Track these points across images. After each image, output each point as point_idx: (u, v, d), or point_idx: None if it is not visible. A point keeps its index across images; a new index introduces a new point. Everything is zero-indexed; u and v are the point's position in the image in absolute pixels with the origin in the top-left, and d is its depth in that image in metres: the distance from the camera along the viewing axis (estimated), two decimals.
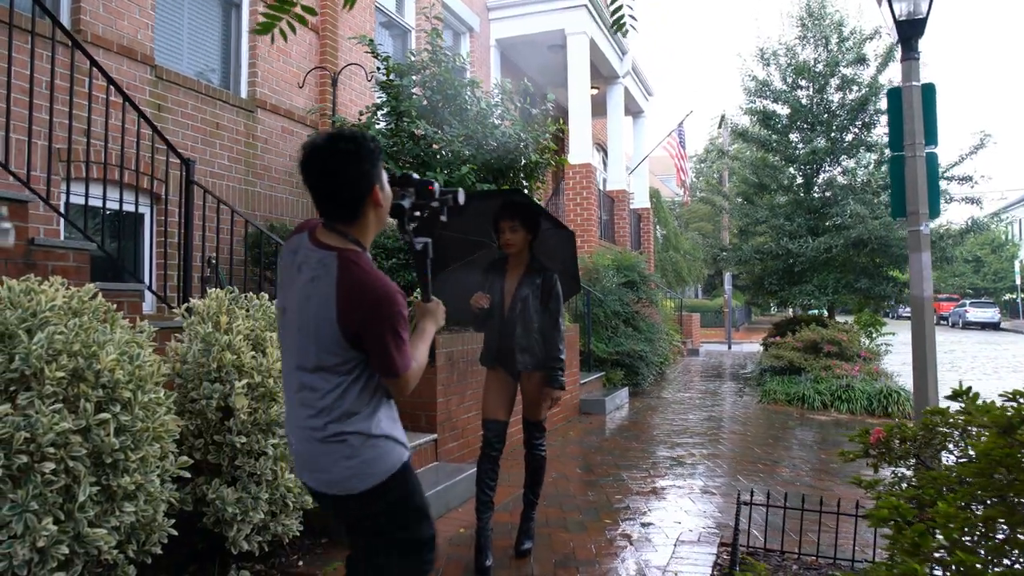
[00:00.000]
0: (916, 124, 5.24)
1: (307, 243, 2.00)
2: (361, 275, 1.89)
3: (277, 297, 2.12)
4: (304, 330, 1.97)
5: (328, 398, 1.95)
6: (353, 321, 1.89)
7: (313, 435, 1.98)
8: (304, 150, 1.95)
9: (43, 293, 2.79)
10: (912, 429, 3.50)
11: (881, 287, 12.33)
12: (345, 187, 1.92)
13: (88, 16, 5.31)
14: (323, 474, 2.00)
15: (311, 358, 1.96)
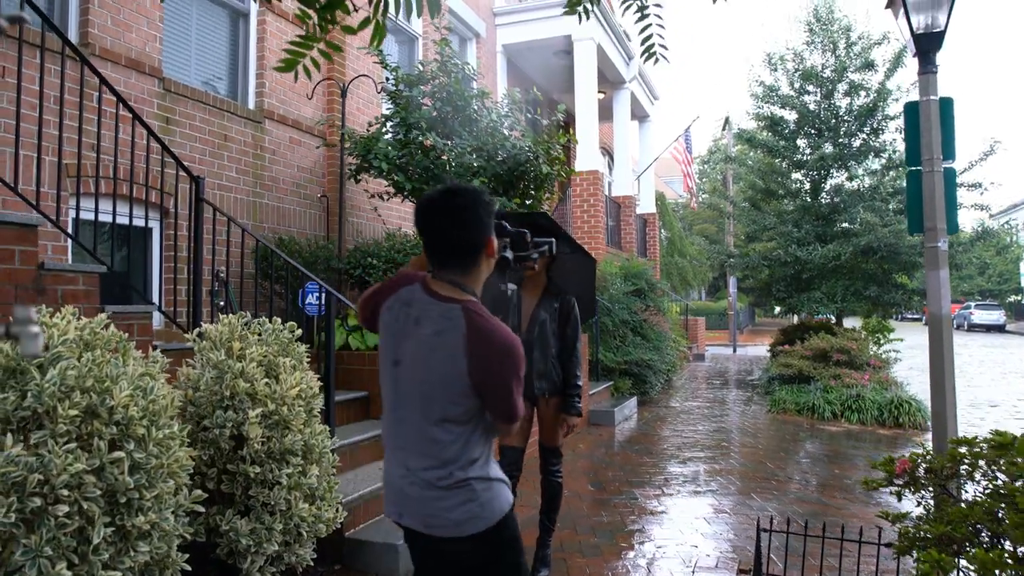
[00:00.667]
0: (934, 139, 5.16)
1: (423, 295, 2.02)
2: (488, 327, 1.94)
3: (385, 347, 2.08)
4: (429, 383, 1.97)
5: (453, 448, 1.97)
6: (483, 371, 1.92)
7: (436, 483, 1.97)
8: (424, 204, 1.99)
9: (55, 327, 2.72)
10: (939, 460, 3.43)
11: (890, 295, 12.23)
12: (465, 239, 1.96)
13: (96, 29, 5.25)
14: (438, 518, 1.99)
15: (436, 410, 1.96)
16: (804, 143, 13.69)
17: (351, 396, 5.49)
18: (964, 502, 3.37)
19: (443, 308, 1.96)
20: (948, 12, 5.23)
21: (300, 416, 3.59)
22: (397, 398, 2.06)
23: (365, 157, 6.39)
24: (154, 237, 5.79)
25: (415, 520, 2.02)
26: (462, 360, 1.91)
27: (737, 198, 16.38)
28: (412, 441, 2.01)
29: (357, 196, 7.68)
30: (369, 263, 6.10)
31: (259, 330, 3.76)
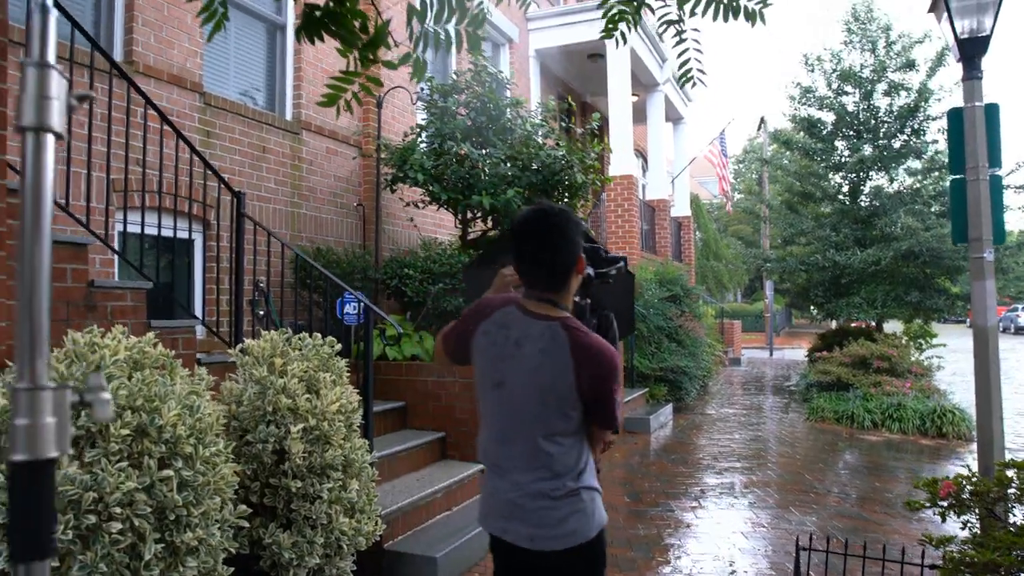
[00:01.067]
0: (979, 146, 5.04)
1: (520, 316, 2.08)
2: (590, 340, 2.02)
3: (484, 370, 2.14)
4: (538, 399, 2.03)
5: (563, 460, 2.03)
6: (590, 383, 1.99)
7: (550, 494, 2.03)
8: (519, 227, 2.06)
9: (107, 347, 2.81)
10: (985, 483, 3.37)
11: (933, 300, 11.98)
12: (559, 260, 2.04)
13: (140, 47, 5.38)
14: (547, 529, 2.04)
15: (547, 425, 2.03)
16: (842, 145, 13.48)
17: (388, 406, 5.55)
18: (1013, 526, 3.30)
19: (543, 326, 2.04)
20: (995, 15, 5.10)
21: (340, 431, 3.64)
22: (503, 418, 2.10)
23: (401, 167, 6.45)
24: (196, 248, 5.91)
25: (521, 535, 2.06)
26: (570, 374, 1.98)
27: (773, 200, 16.17)
28: (523, 457, 2.06)
29: (392, 204, 7.75)
30: (405, 273, 6.16)
31: (300, 345, 3.82)
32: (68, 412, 0.88)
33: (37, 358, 0.85)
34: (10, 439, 0.84)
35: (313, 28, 1.69)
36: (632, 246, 11.72)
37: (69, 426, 0.88)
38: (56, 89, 0.86)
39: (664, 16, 2.42)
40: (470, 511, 4.93)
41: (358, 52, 1.77)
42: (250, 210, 6.02)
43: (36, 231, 0.83)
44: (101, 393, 0.92)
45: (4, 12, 2.81)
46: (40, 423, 0.84)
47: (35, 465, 0.84)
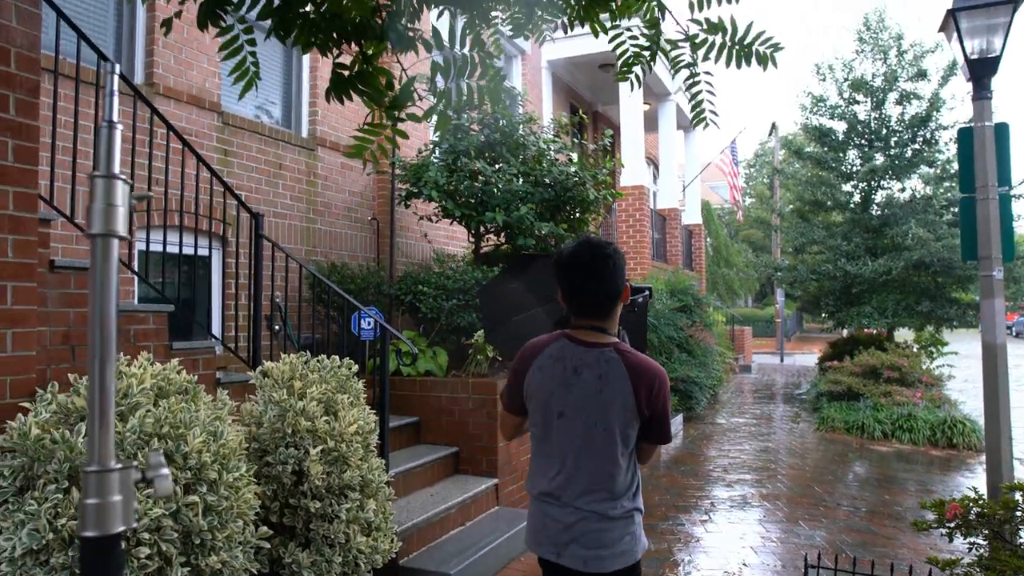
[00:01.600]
0: (988, 165, 5.07)
1: (573, 347, 2.21)
2: (642, 361, 2.16)
3: (542, 403, 2.24)
4: (601, 423, 2.14)
5: (623, 480, 2.16)
6: (650, 401, 2.13)
7: (609, 514, 2.15)
8: (569, 261, 2.18)
9: (133, 376, 2.90)
10: (992, 505, 3.42)
11: (944, 310, 11.98)
12: (609, 290, 2.18)
13: (160, 69, 5.49)
14: (603, 550, 2.15)
15: (610, 448, 2.14)
16: (854, 154, 13.49)
17: (403, 422, 5.63)
18: (1019, 547, 3.35)
19: (597, 353, 2.17)
20: (1004, 37, 5.14)
21: (358, 452, 3.73)
22: (567, 446, 2.20)
23: (415, 184, 6.55)
24: (214, 265, 6.02)
25: (576, 557, 2.16)
26: (630, 395, 2.11)
27: (784, 209, 16.18)
28: (586, 482, 2.17)
29: (406, 217, 7.85)
30: (419, 290, 6.24)
31: (318, 368, 3.91)
32: (133, 489, 0.96)
33: (105, 444, 0.93)
34: (80, 517, 0.92)
35: (342, 88, 1.77)
36: (643, 256, 11.78)
37: (134, 502, 0.96)
38: (121, 197, 0.94)
39: (678, 57, 2.49)
40: (484, 526, 5.01)
41: (384, 108, 1.85)
42: (267, 226, 6.13)
43: (105, 329, 0.91)
44: (161, 470, 1.00)
45: (37, 51, 2.92)
46: (108, 502, 0.92)
47: (104, 540, 0.92)
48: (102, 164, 0.92)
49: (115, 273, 0.93)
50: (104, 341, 0.91)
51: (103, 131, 0.93)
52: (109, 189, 0.93)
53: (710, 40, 2.33)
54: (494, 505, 5.40)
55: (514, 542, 4.85)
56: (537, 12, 2.34)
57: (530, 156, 6.69)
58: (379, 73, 1.83)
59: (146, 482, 0.99)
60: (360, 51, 1.81)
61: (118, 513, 0.93)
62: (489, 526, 5.01)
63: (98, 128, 0.95)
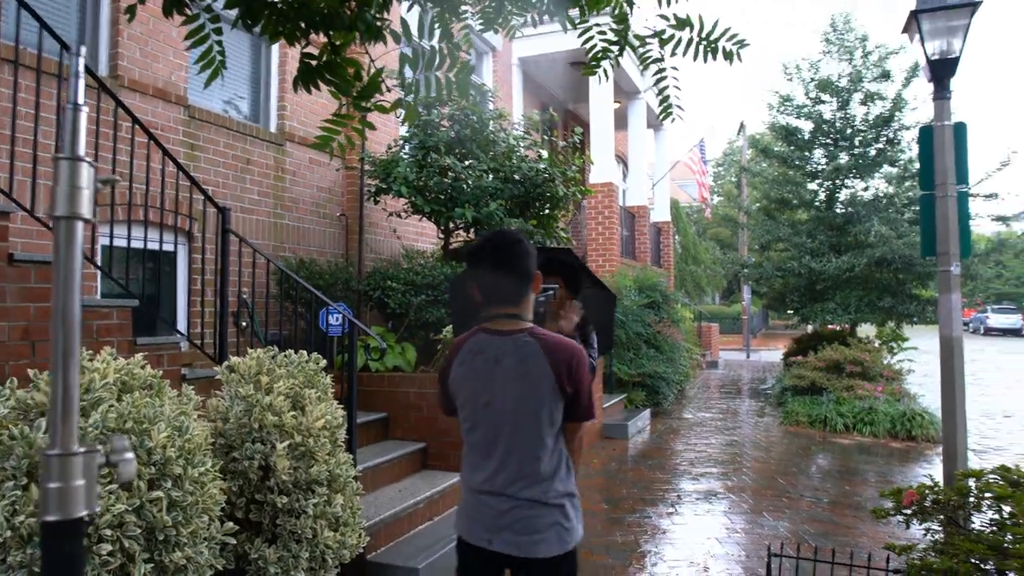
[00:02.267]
0: (947, 163, 5.19)
1: (489, 338, 2.26)
2: (558, 341, 2.21)
3: (468, 396, 2.28)
4: (526, 407, 2.18)
5: (550, 465, 2.19)
6: (568, 377, 2.16)
7: (540, 499, 2.17)
8: (480, 250, 2.25)
9: (96, 371, 2.86)
10: (947, 492, 3.52)
11: (905, 306, 12.24)
12: (519, 278, 2.24)
13: (125, 62, 5.41)
14: (536, 535, 2.17)
15: (537, 432, 2.17)
16: (819, 152, 13.72)
17: (371, 418, 5.62)
18: (972, 532, 3.45)
19: (513, 340, 2.21)
20: (963, 39, 5.26)
21: (325, 447, 3.72)
22: (493, 435, 2.23)
23: (385, 180, 6.52)
24: (180, 260, 5.95)
25: (509, 543, 2.18)
26: (549, 374, 2.15)
27: (751, 207, 16.40)
28: (514, 468, 2.19)
29: (375, 214, 7.82)
30: (388, 285, 6.23)
31: (285, 362, 3.89)
32: (96, 473, 0.96)
33: (67, 425, 0.93)
34: (42, 501, 0.92)
35: (309, 77, 1.77)
36: (612, 253, 11.87)
37: (96, 486, 0.96)
38: (86, 180, 0.94)
39: (646, 52, 2.52)
40: (451, 520, 5.01)
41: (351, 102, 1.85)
42: (234, 221, 6.06)
43: (68, 315, 0.91)
44: (126, 454, 1.00)
45: None
46: (71, 485, 0.92)
47: (66, 524, 0.92)
48: (67, 146, 0.92)
49: (79, 257, 0.93)
50: (68, 325, 0.91)
51: (68, 113, 0.92)
52: (74, 171, 0.92)
53: (677, 36, 2.36)
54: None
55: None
56: (507, 6, 2.35)
57: (500, 152, 6.71)
58: (347, 63, 1.83)
59: (110, 466, 0.98)
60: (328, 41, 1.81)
61: (81, 497, 0.93)
62: None
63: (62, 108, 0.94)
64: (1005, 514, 3.38)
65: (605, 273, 11.43)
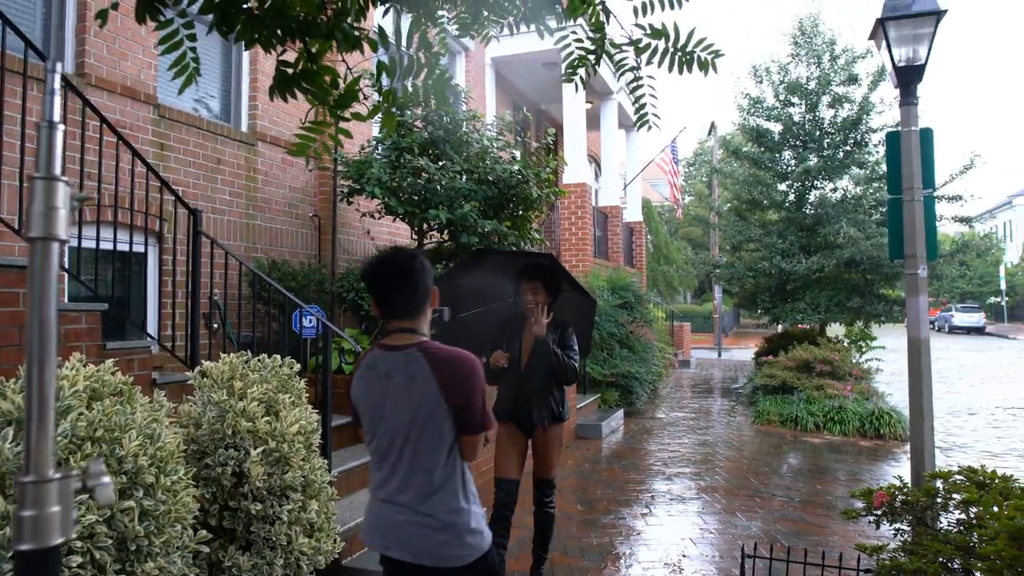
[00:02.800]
0: (914, 168, 5.27)
1: (383, 354, 2.28)
2: (447, 354, 2.22)
3: (365, 412, 2.32)
4: (414, 421, 2.20)
5: (441, 477, 2.20)
6: (456, 391, 2.17)
7: (432, 514, 2.18)
8: (377, 267, 2.28)
9: (65, 378, 2.81)
10: (915, 493, 3.58)
11: (873, 306, 12.46)
12: (420, 292, 2.29)
13: (92, 59, 5.30)
14: (432, 548, 2.18)
15: (425, 446, 2.19)
16: (789, 154, 13.90)
17: (346, 421, 5.56)
18: (940, 532, 3.52)
19: (404, 355, 2.23)
20: (929, 46, 5.35)
21: (300, 452, 3.69)
22: (387, 447, 2.27)
23: (358, 180, 6.48)
24: (150, 262, 5.85)
25: (404, 551, 2.21)
26: (435, 389, 2.17)
27: (722, 207, 16.56)
28: (407, 481, 2.23)
29: (348, 214, 7.76)
30: (362, 287, 6.19)
31: (259, 367, 3.84)
32: (72, 499, 0.94)
33: (42, 453, 0.91)
34: (15, 530, 0.90)
35: (286, 86, 1.75)
36: (585, 253, 11.91)
37: (72, 512, 0.94)
38: (62, 199, 0.92)
39: (622, 60, 2.53)
40: None
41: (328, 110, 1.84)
42: (205, 222, 5.98)
43: (44, 339, 0.89)
44: (102, 478, 0.98)
45: None
46: (46, 513, 0.90)
47: (42, 553, 0.90)
48: (42, 165, 0.90)
49: (55, 278, 0.91)
50: (43, 347, 0.89)
51: (43, 131, 0.90)
52: (50, 191, 0.90)
53: (653, 45, 2.37)
54: None
55: None
56: (484, 12, 2.34)
57: (473, 153, 6.70)
58: (324, 71, 1.81)
59: (86, 491, 0.96)
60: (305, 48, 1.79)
61: (56, 524, 0.91)
62: None
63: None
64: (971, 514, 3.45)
65: (578, 274, 11.47)
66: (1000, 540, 2.34)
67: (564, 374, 3.98)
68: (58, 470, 0.92)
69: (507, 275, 4.24)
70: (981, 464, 3.78)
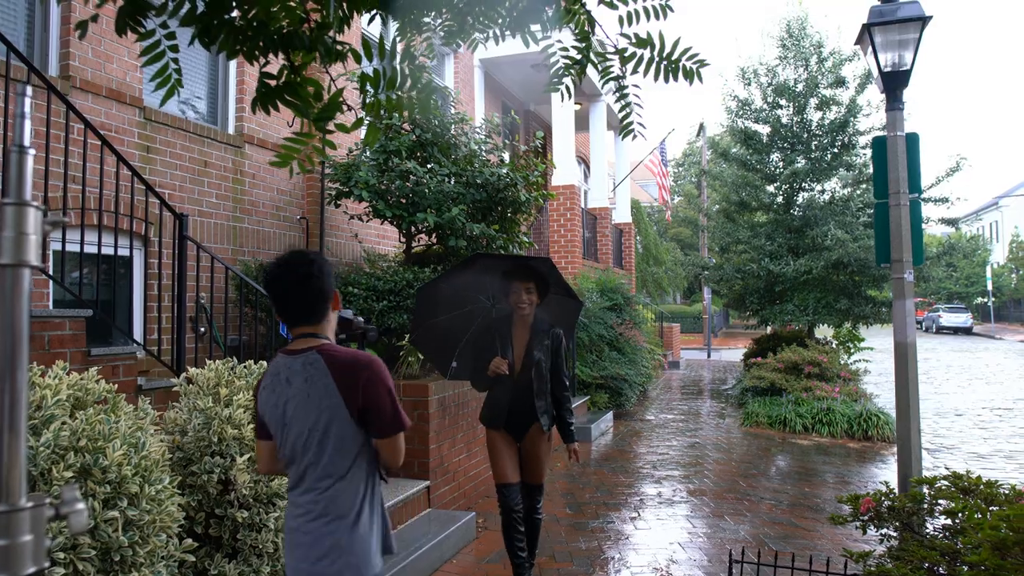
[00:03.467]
0: (900, 173, 5.31)
1: (284, 358, 2.24)
2: (343, 355, 2.16)
3: (271, 419, 2.27)
4: (315, 427, 2.16)
5: (346, 495, 2.15)
6: (356, 396, 2.12)
7: (329, 519, 2.15)
8: (276, 270, 2.22)
9: (48, 388, 2.78)
10: (902, 499, 3.60)
11: (860, 307, 12.53)
12: (319, 296, 2.23)
13: (77, 61, 5.26)
14: (323, 557, 2.14)
15: (328, 450, 2.15)
16: (777, 156, 13.95)
17: None
18: (925, 538, 3.54)
19: (303, 359, 2.19)
20: (914, 52, 5.37)
21: None
22: (291, 455, 2.24)
23: (346, 183, 6.46)
24: (136, 266, 5.81)
25: (303, 557, 2.17)
26: (336, 393, 2.12)
27: (711, 209, 16.61)
28: (311, 488, 2.19)
29: (336, 216, 7.74)
30: (349, 291, 6.16)
31: (245, 373, 3.82)
32: (44, 527, 0.93)
33: (14, 481, 0.89)
34: None
35: (269, 98, 1.74)
36: (574, 255, 11.91)
37: (45, 540, 0.93)
38: (33, 225, 0.91)
39: (608, 68, 2.53)
40: (415, 528, 4.99)
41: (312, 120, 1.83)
42: (192, 225, 5.95)
43: (14, 364, 0.88)
44: (76, 504, 0.97)
45: None
46: (17, 543, 0.89)
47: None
48: (12, 190, 0.89)
49: (27, 306, 0.90)
50: (14, 375, 0.88)
51: (13, 156, 0.89)
52: (20, 217, 0.89)
53: (639, 54, 2.37)
54: (425, 508, 5.39)
55: (446, 544, 4.85)
56: (469, 21, 2.34)
57: (462, 157, 6.68)
58: (307, 83, 1.80)
59: (60, 519, 0.95)
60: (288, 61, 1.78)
61: (28, 554, 0.90)
62: (421, 529, 4.99)
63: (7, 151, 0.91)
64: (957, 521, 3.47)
65: (568, 275, 11.48)
66: (984, 549, 2.35)
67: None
68: (31, 497, 0.91)
69: (493, 278, 4.25)
70: (967, 471, 3.80)
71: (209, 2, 1.67)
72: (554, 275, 4.18)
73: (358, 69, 2.17)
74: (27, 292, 0.91)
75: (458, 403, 5.92)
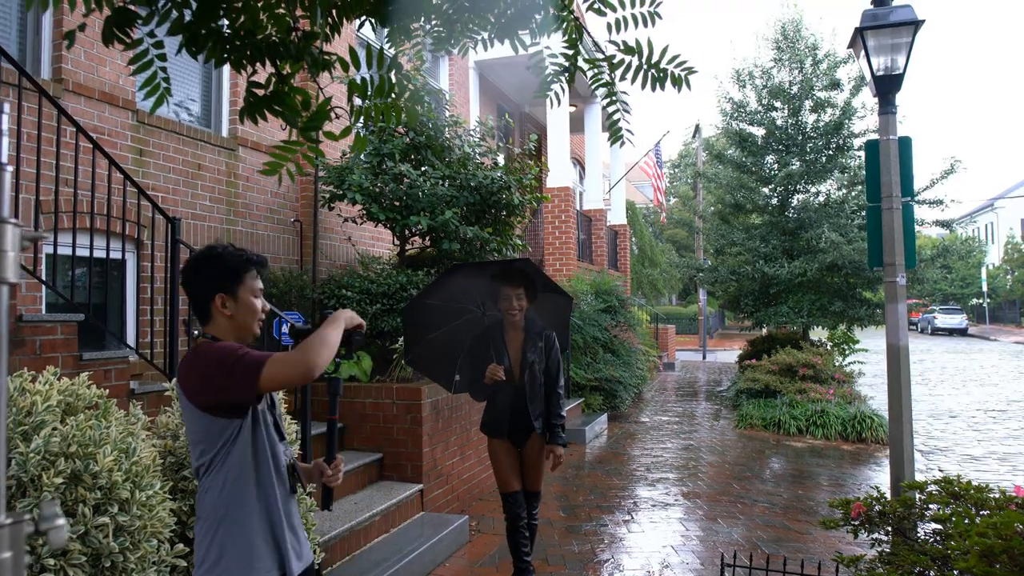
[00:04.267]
0: (893, 176, 5.31)
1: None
2: (193, 351, 2.05)
3: None
4: (188, 431, 2.11)
5: (206, 503, 2.05)
6: (194, 390, 2.00)
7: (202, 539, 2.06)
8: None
9: (38, 393, 2.78)
10: (893, 504, 3.61)
11: (855, 309, 12.55)
12: (195, 296, 2.16)
13: (70, 65, 5.25)
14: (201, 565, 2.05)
15: (194, 452, 2.08)
16: (772, 159, 13.97)
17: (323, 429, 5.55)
18: (916, 542, 3.55)
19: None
20: (907, 56, 5.38)
21: None
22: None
23: (339, 186, 6.46)
24: (129, 269, 5.80)
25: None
26: (183, 394, 2.03)
27: (706, 211, 16.63)
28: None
29: (330, 219, 7.73)
30: (343, 294, 6.16)
31: None
32: (23, 544, 0.93)
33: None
34: None
35: (257, 108, 1.74)
36: (569, 257, 11.92)
37: (24, 557, 0.93)
38: (11, 242, 0.91)
39: (597, 75, 2.53)
40: (408, 532, 5.00)
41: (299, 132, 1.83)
42: (185, 228, 5.95)
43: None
44: (56, 520, 0.97)
45: None
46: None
47: None
48: None
49: (6, 322, 0.90)
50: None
51: None
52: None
53: (627, 61, 2.38)
54: (418, 511, 5.39)
55: (438, 548, 4.85)
56: (458, 27, 2.34)
57: (455, 160, 6.69)
58: (295, 92, 1.81)
59: (40, 535, 0.95)
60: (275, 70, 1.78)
61: (8, 571, 0.90)
62: (414, 532, 4.99)
63: None
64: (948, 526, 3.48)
65: (562, 278, 11.49)
66: (972, 556, 2.36)
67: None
68: (10, 515, 0.91)
69: (478, 286, 4.26)
70: (958, 475, 3.82)
71: (197, 11, 1.68)
72: (537, 274, 4.19)
73: (350, 75, 2.18)
74: (5, 308, 0.91)
75: (451, 406, 5.92)
